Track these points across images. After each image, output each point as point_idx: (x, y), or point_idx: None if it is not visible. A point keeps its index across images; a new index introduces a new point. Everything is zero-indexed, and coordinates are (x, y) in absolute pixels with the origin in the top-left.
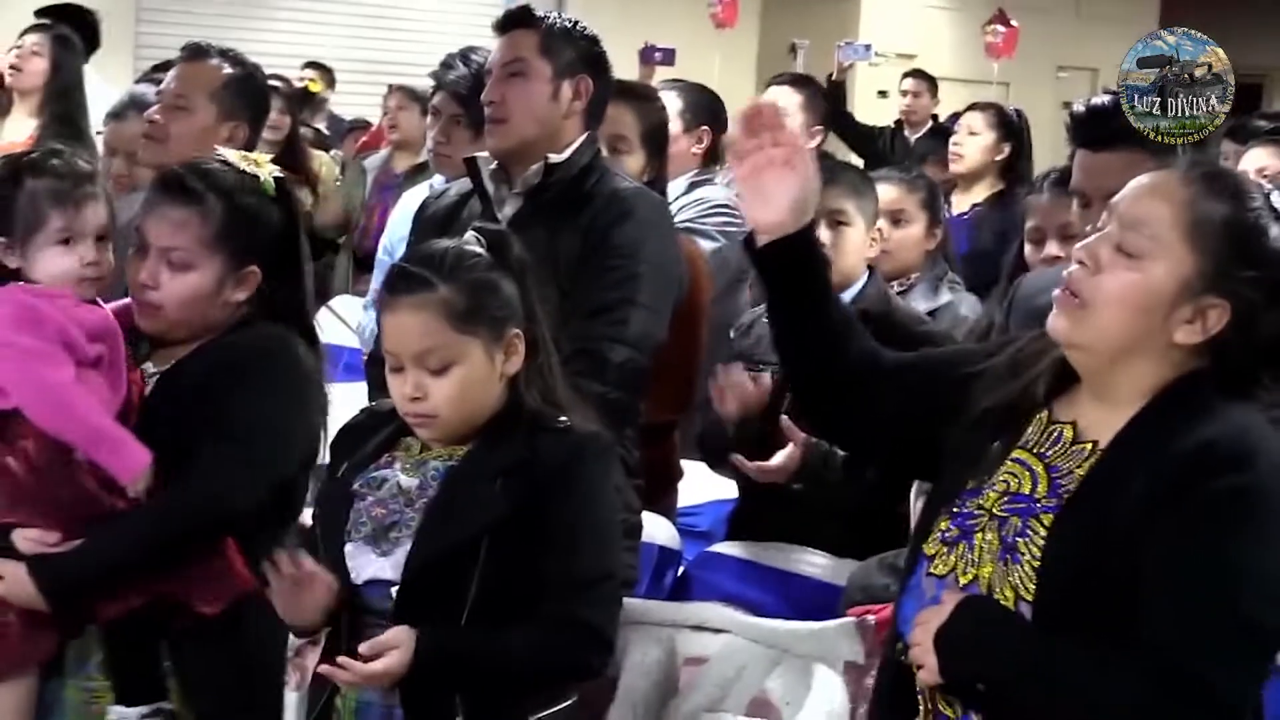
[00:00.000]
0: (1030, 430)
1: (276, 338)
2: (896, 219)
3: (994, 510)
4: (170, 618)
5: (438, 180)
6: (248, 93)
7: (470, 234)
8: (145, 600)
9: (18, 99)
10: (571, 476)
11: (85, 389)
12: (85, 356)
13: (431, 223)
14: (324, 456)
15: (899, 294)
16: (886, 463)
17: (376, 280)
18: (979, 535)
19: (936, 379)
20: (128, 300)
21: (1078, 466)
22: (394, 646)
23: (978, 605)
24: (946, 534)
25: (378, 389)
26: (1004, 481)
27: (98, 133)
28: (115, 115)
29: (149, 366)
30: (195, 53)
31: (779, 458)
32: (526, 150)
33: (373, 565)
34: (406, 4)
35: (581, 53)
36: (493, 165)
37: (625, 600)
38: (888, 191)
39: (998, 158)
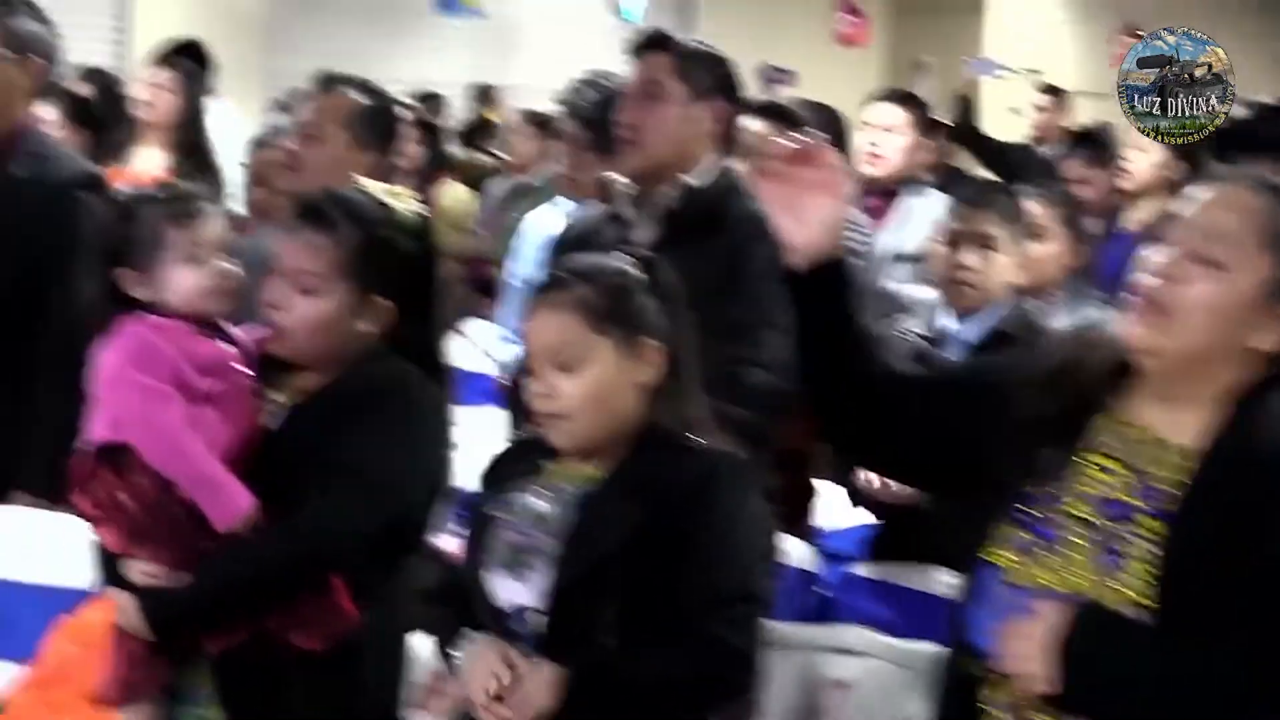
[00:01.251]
0: (1095, 433)
1: (401, 374)
2: (1035, 234)
3: (1081, 515)
4: (278, 651)
5: (563, 203)
6: (379, 121)
7: (624, 256)
8: (251, 634)
9: (147, 132)
10: (707, 496)
11: (195, 428)
12: (197, 393)
13: (568, 246)
14: (453, 486)
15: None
16: (926, 482)
17: (506, 307)
18: (1066, 542)
19: (973, 394)
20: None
21: (1170, 470)
22: (538, 681)
23: (1100, 614)
24: (1020, 541)
25: (519, 418)
26: (1085, 486)
27: (242, 164)
28: (260, 144)
29: (277, 396)
30: (326, 83)
31: None
32: (661, 173)
33: (513, 591)
34: (528, 28)
35: (716, 75)
36: (629, 188)
37: (765, 623)
38: (1026, 207)
39: (1166, 174)
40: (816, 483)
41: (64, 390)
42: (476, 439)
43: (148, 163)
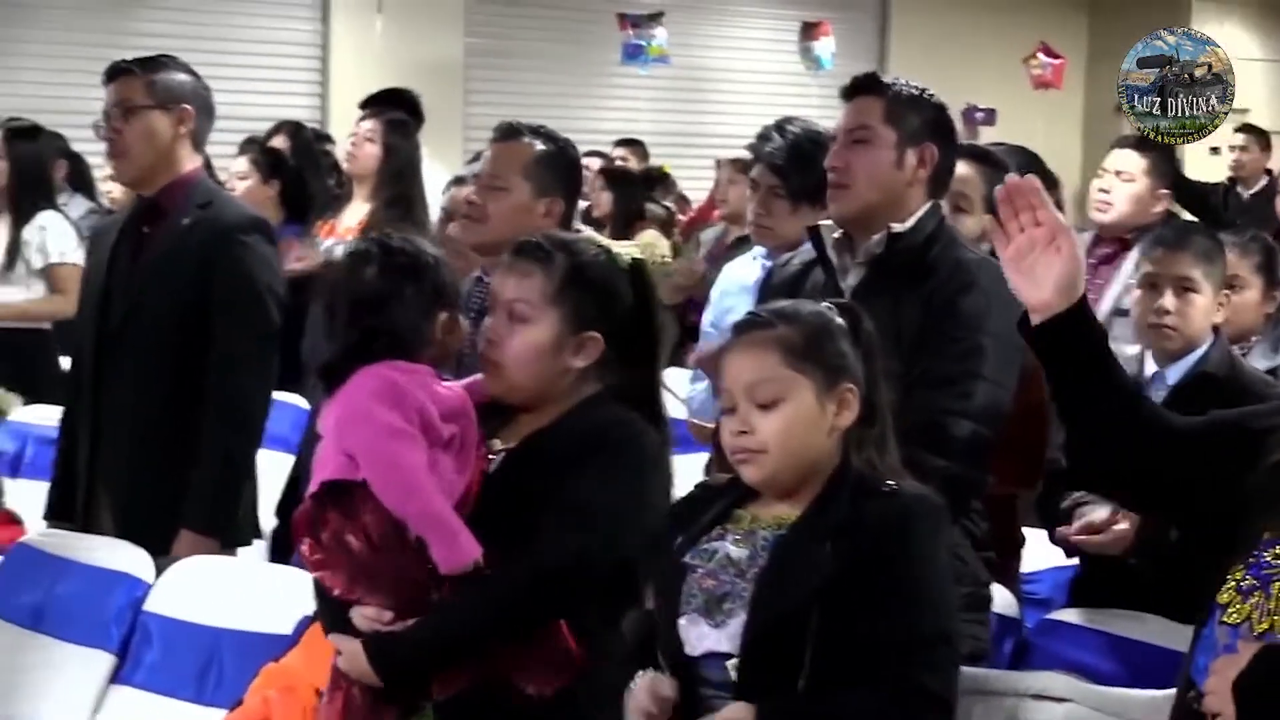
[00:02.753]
0: None
1: (622, 420)
2: (1231, 284)
3: None
4: (503, 697)
5: (758, 250)
6: (560, 168)
7: (823, 303)
8: (477, 680)
9: (355, 184)
10: (901, 538)
11: (433, 473)
12: (439, 438)
13: (774, 293)
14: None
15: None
16: (1181, 523)
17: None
18: (1276, 584)
19: (1229, 437)
20: (478, 376)
21: None
22: None
23: (1276, 654)
24: (1242, 583)
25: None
26: None
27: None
28: (458, 181)
29: (496, 443)
30: (507, 132)
31: (1114, 531)
32: (870, 218)
33: (708, 638)
34: (724, 75)
35: (927, 120)
36: (836, 234)
37: (965, 669)
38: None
39: None
40: (1021, 527)
41: (229, 430)
42: (675, 487)
43: (354, 214)
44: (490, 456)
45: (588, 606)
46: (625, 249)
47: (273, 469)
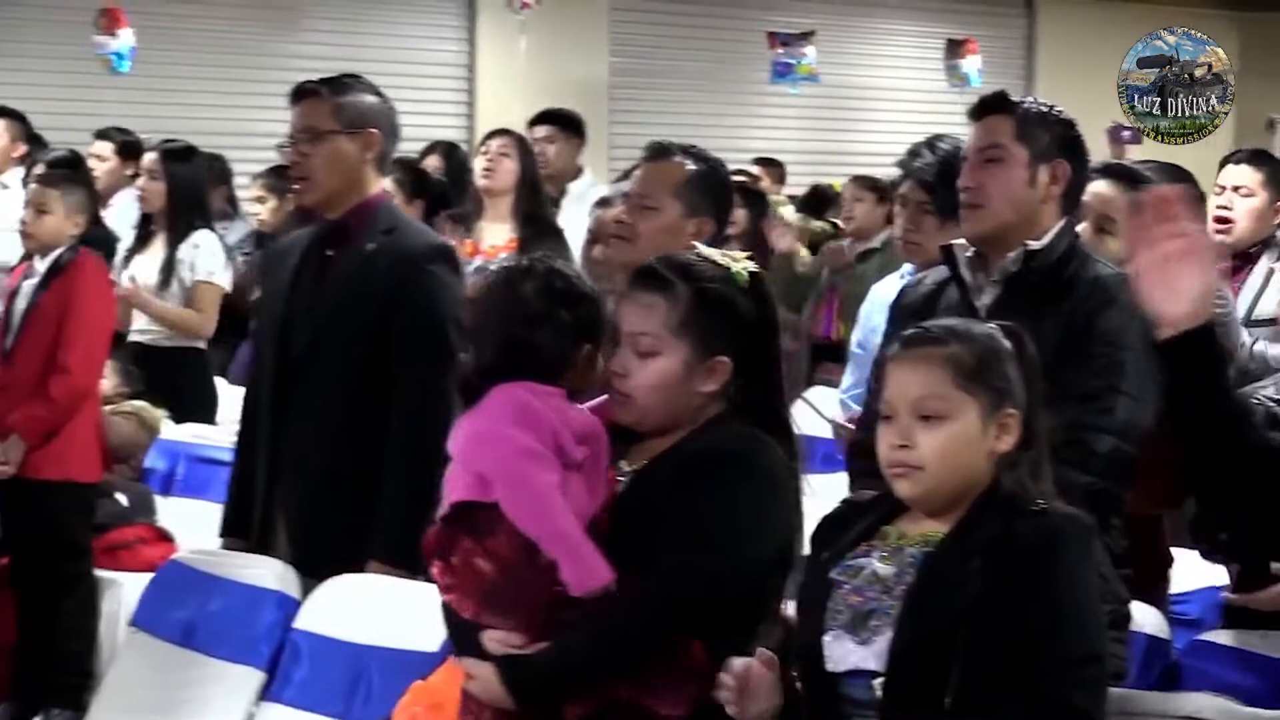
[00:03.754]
0: None
1: (747, 437)
2: None
3: None
4: (636, 719)
5: (908, 269)
6: (711, 188)
7: (992, 324)
8: (609, 702)
9: (489, 202)
10: (1050, 558)
11: (565, 494)
12: (571, 460)
13: (909, 311)
14: (802, 552)
15: None
16: None
17: (851, 374)
18: None
19: None
20: (606, 397)
21: None
22: None
23: None
24: None
25: (860, 479)
26: None
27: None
28: (604, 203)
29: (623, 464)
30: (658, 152)
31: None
32: (1004, 237)
33: (853, 654)
34: (870, 93)
35: (1058, 137)
36: (970, 252)
37: (1113, 690)
38: None
39: None
40: (1169, 547)
41: (415, 461)
42: (818, 505)
43: (496, 234)
44: (619, 478)
45: (719, 626)
46: (743, 263)
47: None
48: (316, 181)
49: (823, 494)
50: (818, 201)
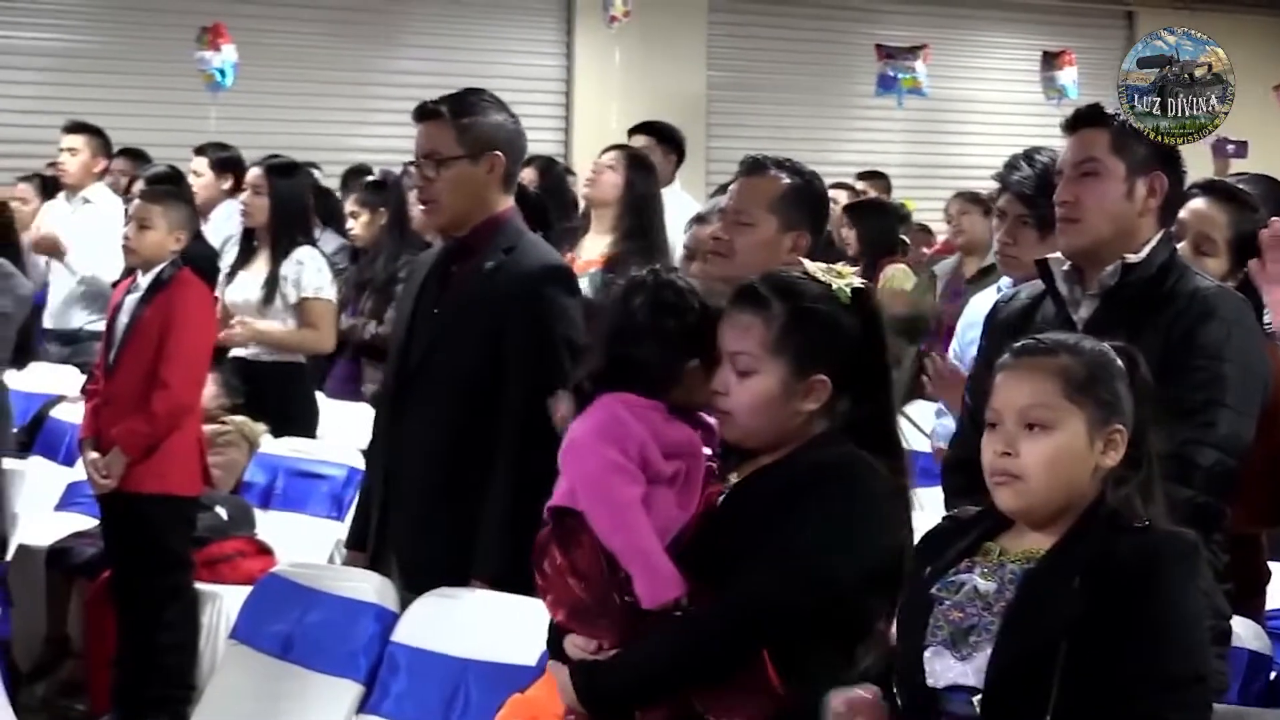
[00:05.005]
0: None
1: (846, 456)
2: None
3: None
4: None
5: (1005, 282)
6: (807, 201)
7: (1106, 343)
8: (678, 713)
9: (594, 215)
10: (1153, 576)
11: (648, 509)
12: (660, 474)
13: (1004, 326)
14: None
15: None
16: None
17: None
18: None
19: None
20: None
21: None
22: None
23: None
24: None
25: (955, 496)
26: None
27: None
28: (699, 220)
29: (732, 478)
30: (753, 167)
31: None
32: (1101, 250)
33: (953, 670)
34: (968, 106)
35: (1154, 149)
36: (1066, 266)
37: (1216, 706)
38: None
39: None
40: (1266, 561)
41: (521, 481)
42: (917, 519)
43: (595, 247)
44: (723, 491)
45: (793, 641)
46: (847, 279)
47: None
48: (442, 205)
49: (922, 508)
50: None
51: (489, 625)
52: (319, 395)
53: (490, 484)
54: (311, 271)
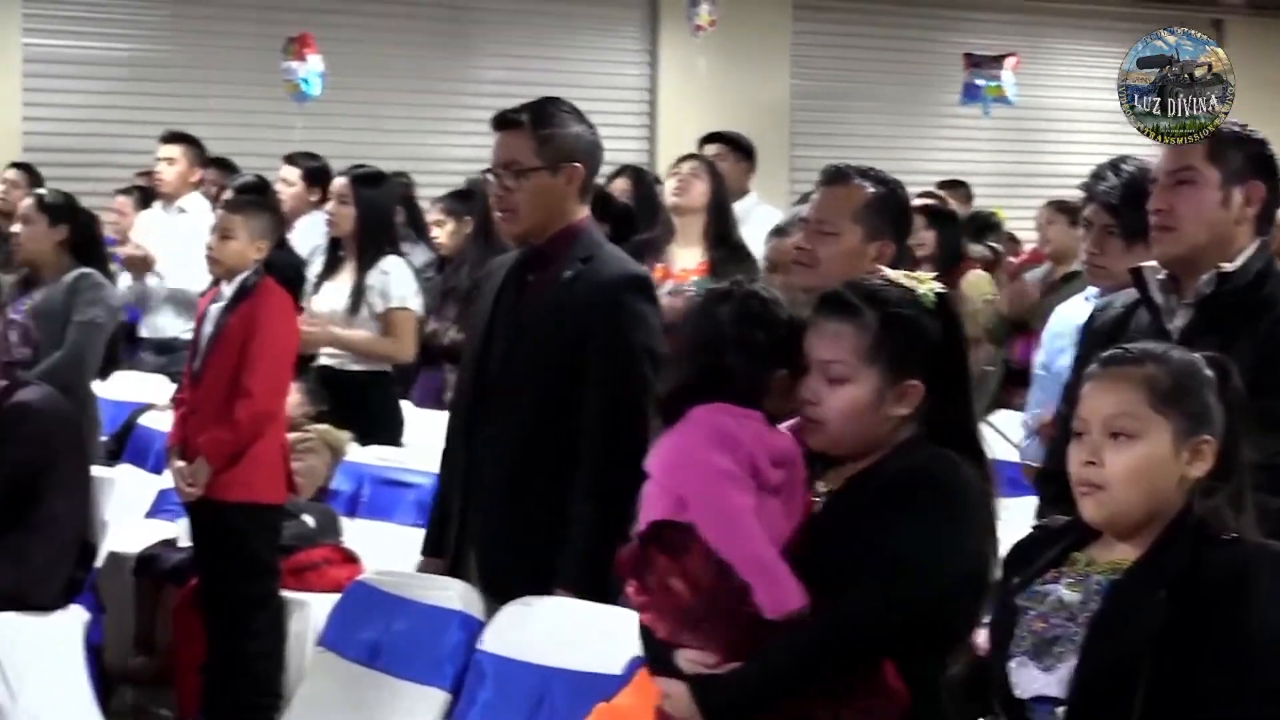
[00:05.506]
0: None
1: (942, 460)
2: None
3: None
4: None
5: (1091, 291)
6: (890, 210)
7: (1196, 353)
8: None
9: (679, 225)
10: (1242, 588)
11: (760, 518)
12: (767, 483)
13: (1099, 334)
14: (995, 576)
15: None
16: None
17: (1034, 396)
18: None
19: None
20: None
21: None
22: None
23: None
24: None
25: (1047, 505)
26: None
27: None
28: (779, 231)
29: (820, 486)
30: (835, 176)
31: None
32: (1196, 259)
33: (1037, 681)
34: (1056, 114)
35: (1251, 157)
36: (1161, 275)
37: None
38: None
39: None
40: None
41: (603, 490)
42: (1004, 529)
43: (687, 258)
44: (815, 500)
45: (911, 649)
46: (929, 284)
47: None
48: (520, 215)
49: (1009, 518)
50: (977, 227)
51: (575, 634)
52: (405, 404)
53: (571, 491)
54: (397, 281)
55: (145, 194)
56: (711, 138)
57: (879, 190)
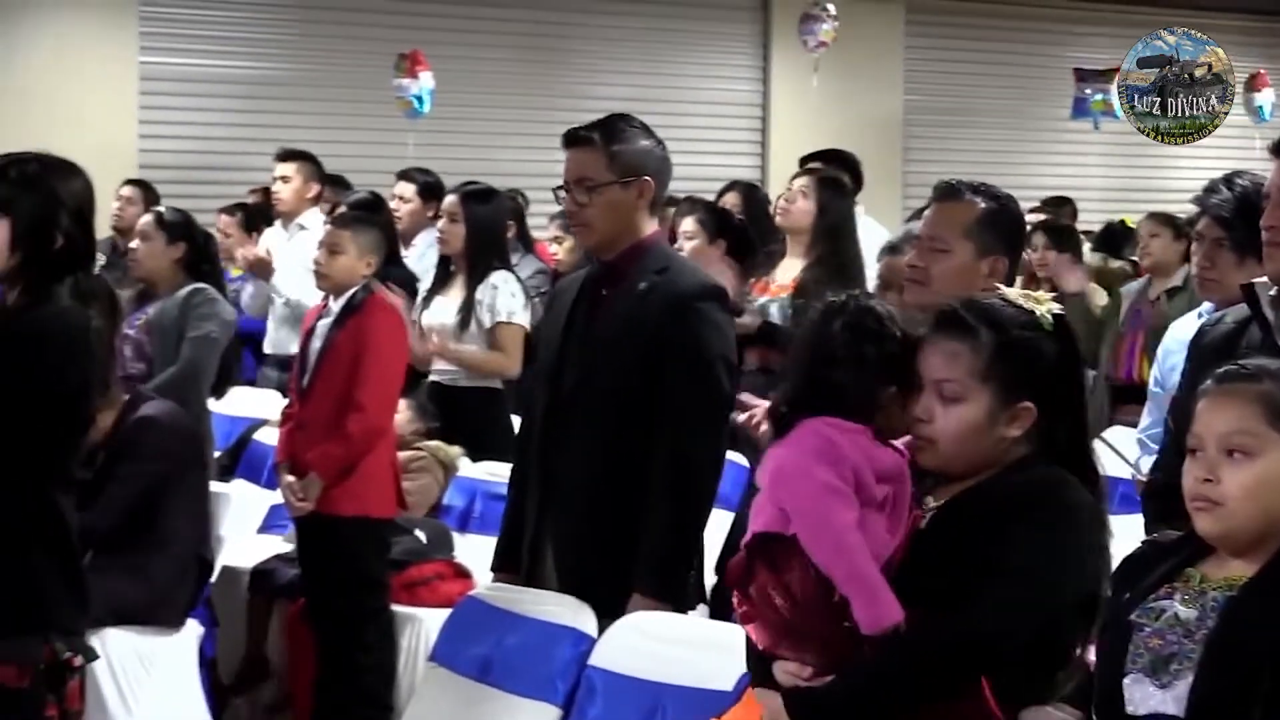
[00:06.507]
0: None
1: (1055, 478)
2: None
3: None
4: None
5: (1206, 308)
6: (1003, 226)
7: None
8: None
9: (789, 241)
10: None
11: (863, 532)
12: (872, 498)
13: (1209, 350)
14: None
15: None
16: None
17: (1149, 413)
18: None
19: None
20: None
21: None
22: None
23: None
24: None
25: (1156, 522)
26: None
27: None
28: (892, 249)
29: (929, 501)
30: (946, 192)
31: None
32: None
33: (1153, 698)
34: None
35: None
36: (1273, 291)
37: None
38: None
39: None
40: None
41: (680, 498)
42: (1116, 546)
43: (788, 272)
44: (923, 515)
45: (1013, 668)
46: (1047, 305)
47: (713, 527)
48: (594, 228)
49: (1121, 535)
50: (1113, 239)
51: (686, 649)
52: (516, 419)
53: (649, 499)
54: (505, 296)
55: (249, 212)
56: (812, 156)
57: (991, 206)
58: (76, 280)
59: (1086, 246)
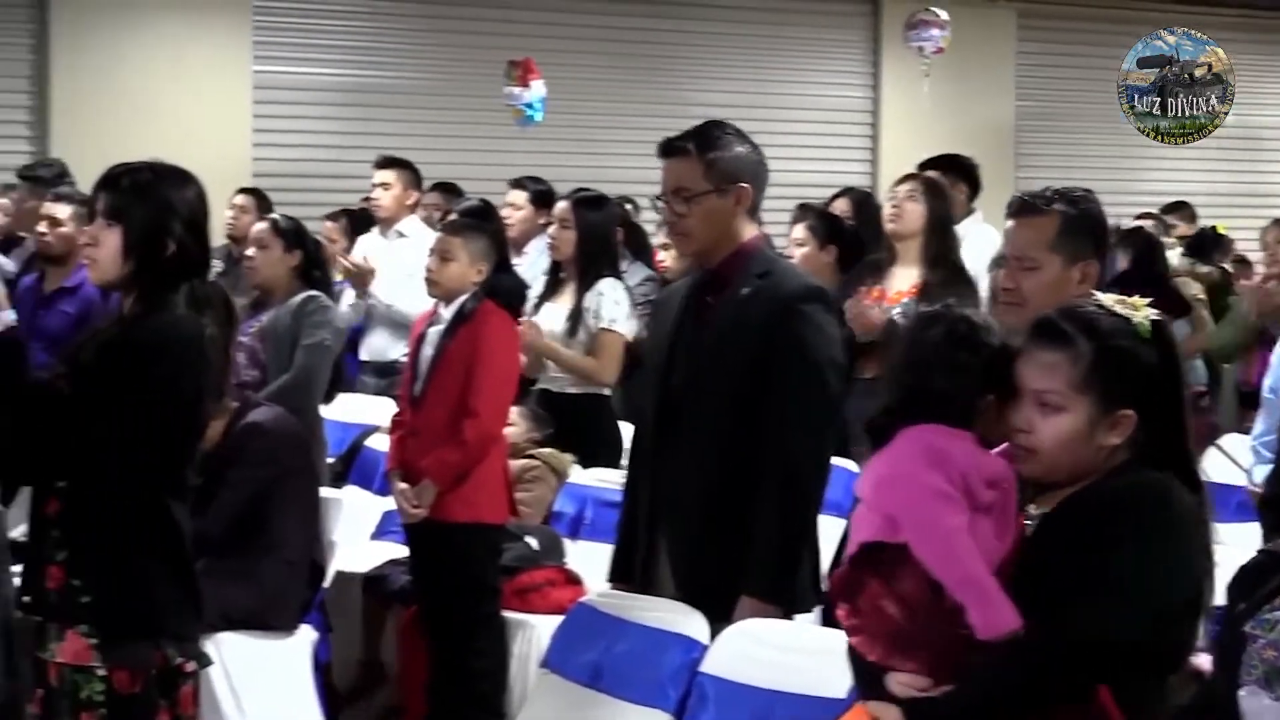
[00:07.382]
0: None
1: (1158, 483)
2: None
3: None
4: None
5: None
6: (1085, 229)
7: None
8: None
9: (899, 247)
10: None
11: (973, 537)
12: (980, 503)
13: None
14: (1211, 602)
15: None
16: None
17: (1262, 421)
18: None
19: None
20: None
21: None
22: None
23: None
24: None
25: (1273, 531)
26: None
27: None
28: (1000, 262)
29: (1031, 508)
30: (1022, 208)
31: None
32: None
33: (1269, 711)
34: (1271, 133)
35: None
36: None
37: None
38: None
39: None
40: None
41: (790, 500)
42: (1231, 555)
43: (904, 279)
44: (1026, 521)
45: (1128, 675)
46: (1144, 312)
47: (825, 533)
48: (693, 237)
49: (1237, 544)
50: (1204, 245)
51: (797, 657)
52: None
53: (757, 503)
54: (609, 303)
55: (353, 219)
56: (928, 163)
57: (1070, 211)
58: (192, 288)
59: (1177, 251)
